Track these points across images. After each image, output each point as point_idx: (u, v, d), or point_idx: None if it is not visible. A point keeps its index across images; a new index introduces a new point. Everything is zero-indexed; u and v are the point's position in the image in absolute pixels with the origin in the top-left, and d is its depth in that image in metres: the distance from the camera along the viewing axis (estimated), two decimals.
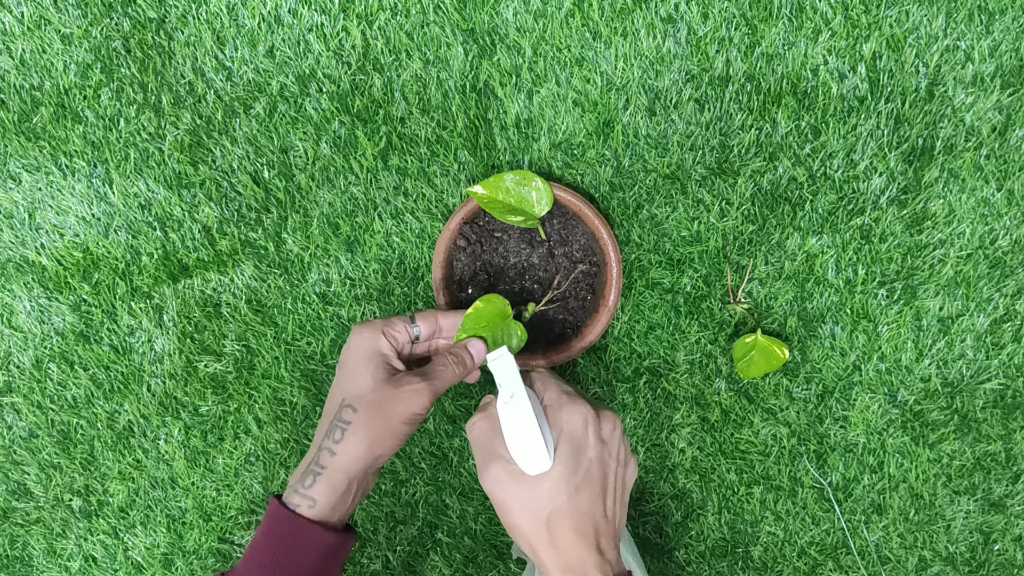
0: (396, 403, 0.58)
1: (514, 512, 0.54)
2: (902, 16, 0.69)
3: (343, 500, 0.58)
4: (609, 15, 0.69)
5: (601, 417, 0.57)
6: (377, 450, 0.58)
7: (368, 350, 0.60)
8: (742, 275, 0.75)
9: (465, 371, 0.62)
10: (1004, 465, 0.78)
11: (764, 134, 0.71)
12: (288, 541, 0.56)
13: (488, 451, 0.56)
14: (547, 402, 0.58)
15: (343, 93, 0.72)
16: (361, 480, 0.58)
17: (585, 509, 0.54)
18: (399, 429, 0.58)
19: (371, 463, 0.58)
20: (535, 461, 0.54)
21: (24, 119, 0.73)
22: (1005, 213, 0.72)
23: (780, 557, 0.81)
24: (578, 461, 0.54)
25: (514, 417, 0.55)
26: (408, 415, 0.58)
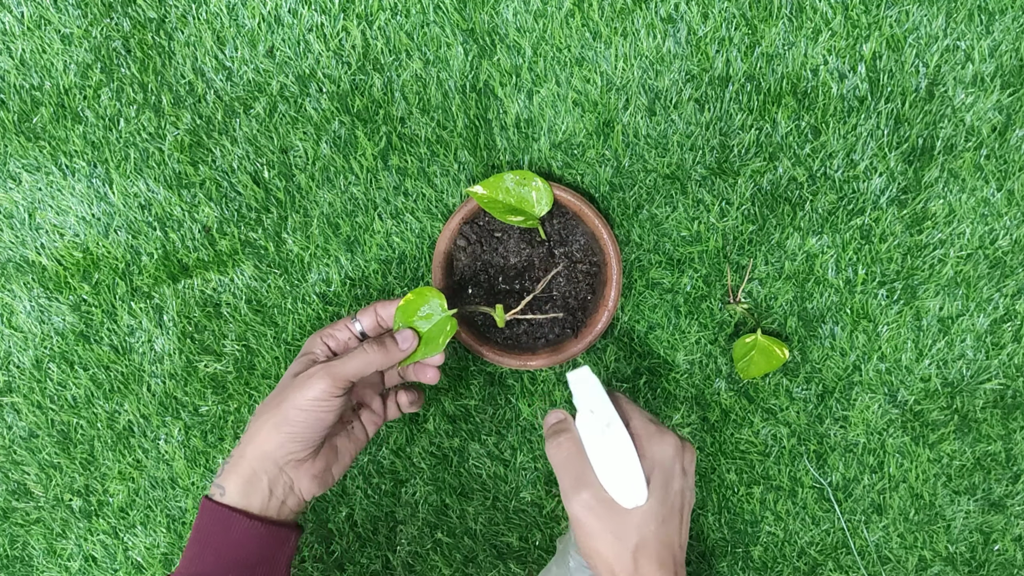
0: (292, 390, 0.59)
1: (600, 539, 0.54)
2: (902, 16, 0.69)
3: (254, 488, 0.58)
4: (609, 15, 0.69)
5: (685, 448, 0.58)
6: (276, 436, 0.58)
7: (299, 357, 0.63)
8: (742, 275, 0.75)
9: (387, 357, 0.61)
10: (1004, 465, 0.78)
11: (764, 134, 0.71)
12: (207, 528, 0.58)
13: (578, 476, 0.55)
14: (635, 430, 0.57)
15: (343, 93, 0.72)
16: (271, 471, 0.59)
17: (668, 540, 0.55)
18: (292, 415, 0.58)
19: (274, 450, 0.58)
20: (632, 494, 0.54)
21: (24, 119, 0.73)
22: (1005, 213, 0.72)
23: (780, 557, 0.81)
24: (666, 493, 0.55)
25: (609, 447, 0.55)
26: (303, 400, 0.58)
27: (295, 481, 0.60)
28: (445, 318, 0.63)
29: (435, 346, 0.63)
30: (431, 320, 0.63)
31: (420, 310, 0.63)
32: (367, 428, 0.68)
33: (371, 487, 0.80)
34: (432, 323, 0.63)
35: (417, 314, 0.63)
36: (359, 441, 0.67)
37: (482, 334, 0.73)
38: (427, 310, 0.63)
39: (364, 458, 0.80)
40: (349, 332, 0.64)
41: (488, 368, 0.77)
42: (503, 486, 0.80)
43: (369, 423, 0.68)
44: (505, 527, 0.81)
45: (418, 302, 0.63)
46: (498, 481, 0.80)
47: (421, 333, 0.63)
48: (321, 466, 0.62)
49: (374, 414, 0.69)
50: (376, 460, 0.80)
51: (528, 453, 0.79)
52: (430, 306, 0.63)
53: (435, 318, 0.63)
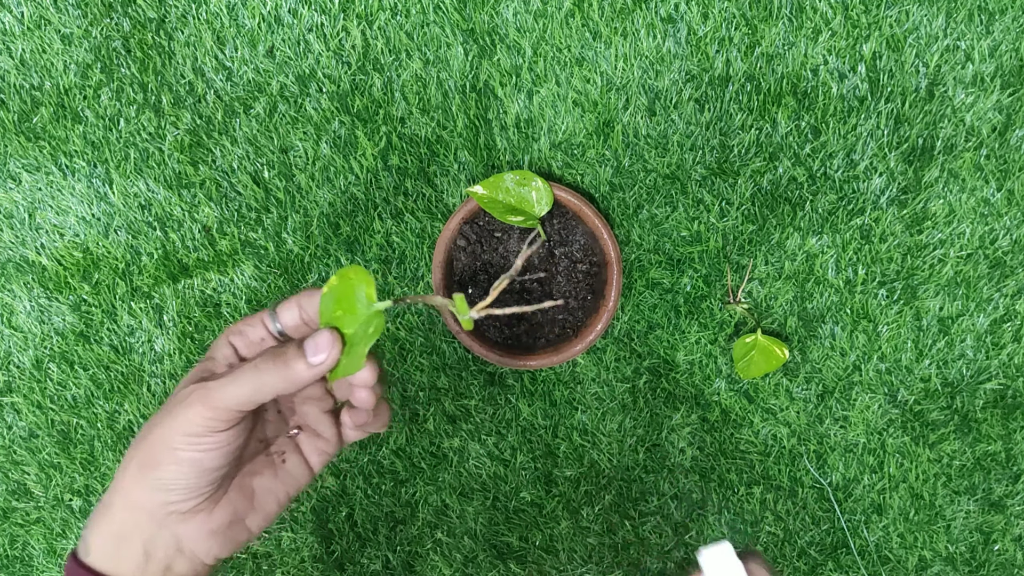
0: (161, 418, 0.43)
1: None
2: (902, 16, 0.69)
3: (125, 549, 0.43)
4: (609, 15, 0.69)
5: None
6: (143, 483, 0.42)
7: (199, 363, 0.46)
8: (742, 275, 0.75)
9: (288, 376, 0.43)
10: (1004, 465, 0.78)
11: (764, 134, 0.71)
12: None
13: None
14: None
15: (343, 93, 0.72)
16: (145, 528, 0.43)
17: None
18: (160, 455, 0.42)
19: (145, 501, 0.42)
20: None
21: (24, 119, 0.73)
22: (1005, 213, 0.72)
23: (780, 557, 0.81)
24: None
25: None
26: (173, 435, 0.42)
27: (183, 540, 0.43)
28: (371, 315, 0.43)
29: (354, 359, 0.43)
30: (356, 318, 0.43)
31: (348, 301, 0.44)
32: (310, 459, 0.49)
33: (371, 487, 0.80)
34: (357, 323, 0.43)
35: (344, 308, 0.44)
36: (295, 480, 0.48)
37: (482, 334, 0.73)
38: (347, 301, 0.44)
39: (364, 458, 0.80)
40: (265, 330, 0.46)
41: (488, 368, 0.77)
42: (503, 486, 0.80)
43: (313, 452, 0.49)
44: (505, 527, 0.81)
45: (344, 289, 0.43)
46: (498, 481, 0.80)
47: (347, 337, 0.44)
48: (223, 519, 0.44)
49: (320, 439, 0.48)
50: (376, 460, 0.80)
51: (528, 453, 0.79)
52: (356, 296, 0.43)
53: (360, 315, 0.43)
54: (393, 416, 0.52)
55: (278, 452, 0.48)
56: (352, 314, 0.43)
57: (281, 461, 0.48)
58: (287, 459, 0.48)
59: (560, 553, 0.81)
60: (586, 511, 0.80)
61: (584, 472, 0.79)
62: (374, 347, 0.43)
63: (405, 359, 0.77)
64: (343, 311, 0.43)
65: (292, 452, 0.48)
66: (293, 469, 0.48)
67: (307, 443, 0.48)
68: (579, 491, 0.80)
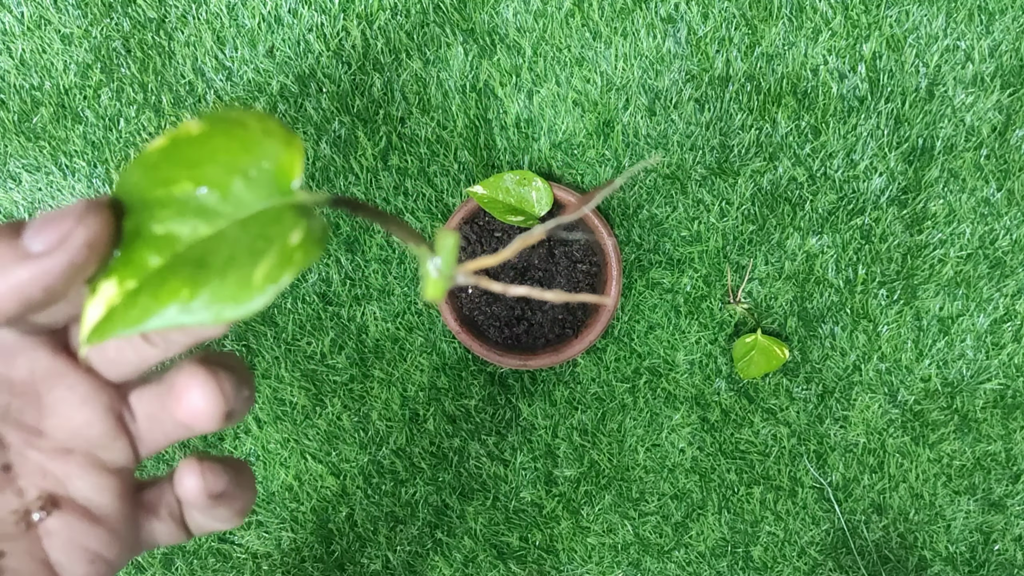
0: None
1: None
2: (902, 16, 0.69)
3: None
4: (609, 15, 0.69)
5: None
6: None
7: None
8: (742, 275, 0.75)
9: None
10: (1004, 465, 0.78)
11: (764, 134, 0.71)
12: None
13: None
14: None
15: (343, 93, 0.72)
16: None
17: None
18: None
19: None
20: None
21: (24, 119, 0.73)
22: (1005, 213, 0.72)
23: (780, 557, 0.81)
24: None
25: None
26: None
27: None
28: (279, 210, 0.19)
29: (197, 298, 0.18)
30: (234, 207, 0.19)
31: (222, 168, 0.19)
32: (62, 559, 0.22)
33: (371, 487, 0.80)
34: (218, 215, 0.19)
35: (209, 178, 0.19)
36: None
37: (482, 333, 0.73)
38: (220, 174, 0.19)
39: (364, 458, 0.80)
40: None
41: (488, 368, 0.77)
42: (503, 486, 0.80)
43: (69, 545, 0.22)
44: (505, 527, 0.81)
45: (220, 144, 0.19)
46: (498, 481, 0.80)
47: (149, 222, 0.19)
48: None
49: (94, 526, 0.22)
50: (376, 460, 0.80)
51: (528, 453, 0.79)
52: (247, 162, 0.19)
53: (236, 201, 0.19)
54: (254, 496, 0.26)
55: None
56: (225, 195, 0.19)
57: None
58: (6, 568, 0.21)
59: (560, 553, 0.81)
60: (586, 511, 0.80)
61: (584, 472, 0.79)
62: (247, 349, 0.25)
63: (405, 359, 0.77)
64: (200, 182, 0.19)
65: (21, 553, 0.22)
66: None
67: (63, 534, 0.22)
68: (579, 491, 0.80)
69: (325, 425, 0.78)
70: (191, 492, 0.23)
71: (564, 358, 0.71)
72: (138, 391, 0.23)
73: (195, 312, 0.18)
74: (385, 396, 0.78)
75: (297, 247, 0.18)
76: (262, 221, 0.19)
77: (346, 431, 0.78)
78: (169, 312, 0.18)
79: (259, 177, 0.19)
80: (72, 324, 0.22)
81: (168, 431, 0.23)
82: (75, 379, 0.22)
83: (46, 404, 0.22)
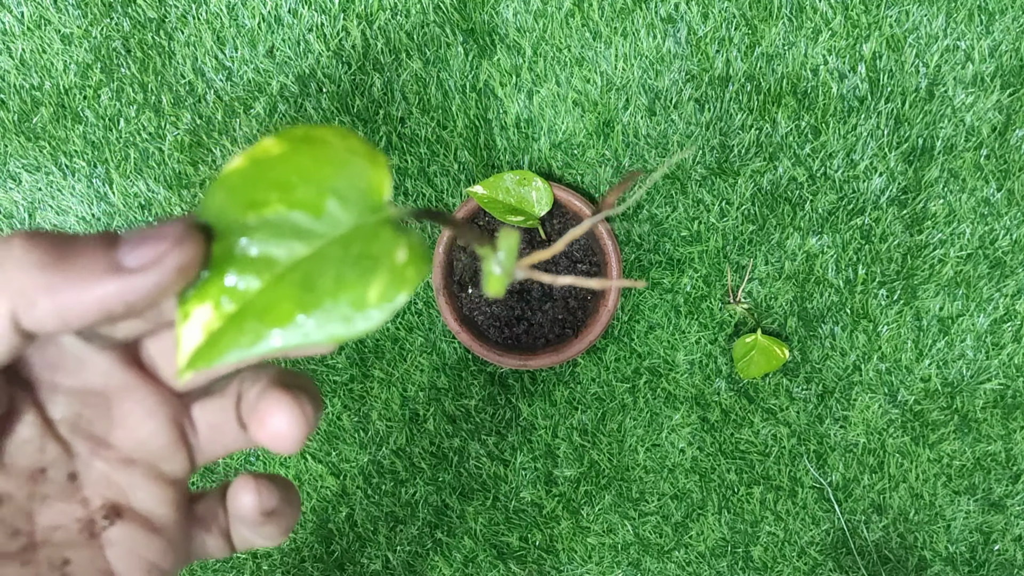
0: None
1: None
2: (902, 16, 0.69)
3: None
4: (609, 15, 0.69)
5: None
6: None
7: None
8: (742, 275, 0.75)
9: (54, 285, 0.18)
10: (1004, 465, 0.78)
11: (764, 134, 0.71)
12: None
13: None
14: None
15: (343, 93, 0.72)
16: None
17: None
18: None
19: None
20: None
21: (24, 119, 0.73)
22: (1005, 213, 0.72)
23: (780, 557, 0.81)
24: None
25: None
26: None
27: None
28: (374, 225, 0.19)
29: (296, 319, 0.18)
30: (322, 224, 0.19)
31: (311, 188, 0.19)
32: (122, 569, 0.22)
33: (371, 487, 0.80)
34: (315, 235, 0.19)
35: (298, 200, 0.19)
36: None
37: (482, 333, 0.73)
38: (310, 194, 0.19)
39: (364, 458, 0.80)
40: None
41: (488, 368, 0.77)
42: (503, 486, 0.80)
43: (129, 555, 0.22)
44: (505, 527, 0.81)
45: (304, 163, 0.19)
46: (498, 481, 0.80)
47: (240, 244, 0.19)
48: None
49: (153, 536, 0.23)
50: (376, 460, 0.80)
51: (528, 453, 0.79)
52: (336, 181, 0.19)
53: (331, 220, 0.19)
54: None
55: (53, 562, 0.22)
56: (319, 215, 0.19)
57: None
58: (73, 573, 0.22)
59: (560, 553, 0.81)
60: (586, 511, 0.80)
61: (584, 472, 0.79)
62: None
63: (405, 359, 0.77)
64: (292, 204, 0.19)
65: (85, 562, 0.22)
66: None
67: (124, 544, 0.22)
68: (579, 491, 0.80)
69: (325, 425, 0.78)
70: (246, 508, 0.23)
71: (564, 358, 0.71)
72: (201, 402, 0.24)
73: (310, 334, 0.18)
74: (385, 396, 0.78)
75: (406, 264, 0.18)
76: (360, 239, 0.19)
77: (346, 431, 0.78)
78: (282, 335, 0.18)
79: (350, 195, 0.19)
80: (145, 338, 0.22)
81: (227, 443, 0.24)
82: (144, 392, 0.23)
83: (114, 415, 0.22)
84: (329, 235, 0.19)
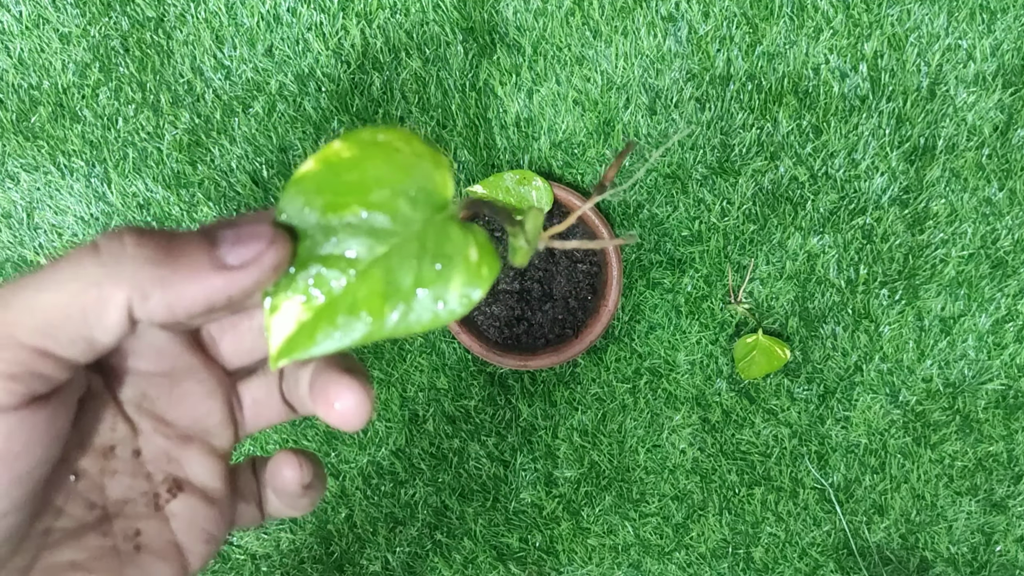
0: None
1: None
2: (903, 15, 0.69)
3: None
4: (610, 13, 0.69)
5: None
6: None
7: None
8: (743, 275, 0.74)
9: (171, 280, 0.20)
10: (1006, 466, 0.78)
11: (765, 133, 0.71)
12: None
13: None
14: None
15: (342, 92, 0.71)
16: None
17: None
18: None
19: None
20: None
21: (22, 118, 0.73)
22: (1007, 213, 0.72)
23: (781, 558, 0.81)
24: None
25: None
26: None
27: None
28: (444, 220, 0.22)
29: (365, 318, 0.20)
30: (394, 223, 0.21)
31: (362, 190, 0.21)
32: (185, 548, 0.25)
33: (370, 488, 0.80)
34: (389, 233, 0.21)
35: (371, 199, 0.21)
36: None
37: (482, 334, 0.72)
38: (382, 195, 0.21)
39: (363, 459, 0.79)
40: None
41: (488, 368, 0.77)
42: (503, 487, 0.80)
43: (193, 534, 0.25)
44: (505, 528, 0.80)
45: (369, 168, 0.21)
46: (498, 482, 0.80)
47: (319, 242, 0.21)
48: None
49: (210, 507, 0.25)
50: (376, 461, 0.79)
51: (528, 454, 0.79)
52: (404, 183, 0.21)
53: (403, 218, 0.21)
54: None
55: (127, 533, 0.23)
56: (394, 216, 0.20)
57: (133, 549, 0.23)
58: (144, 543, 0.23)
59: (560, 554, 0.80)
60: (586, 512, 0.80)
61: (584, 473, 0.79)
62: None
63: (404, 359, 0.77)
64: (369, 206, 0.20)
65: (153, 532, 0.24)
66: (150, 565, 0.23)
67: (184, 515, 0.24)
68: (579, 492, 0.79)
69: (324, 425, 0.78)
70: (288, 481, 0.26)
71: (564, 358, 0.71)
72: (247, 380, 0.26)
73: (394, 328, 0.20)
74: (384, 396, 0.77)
75: (480, 262, 0.21)
76: (432, 237, 0.21)
77: (345, 432, 0.78)
78: (368, 327, 0.20)
79: (418, 196, 0.21)
80: (206, 324, 0.24)
81: (270, 417, 0.27)
82: (205, 374, 0.25)
83: (175, 395, 0.24)
84: (403, 233, 0.21)
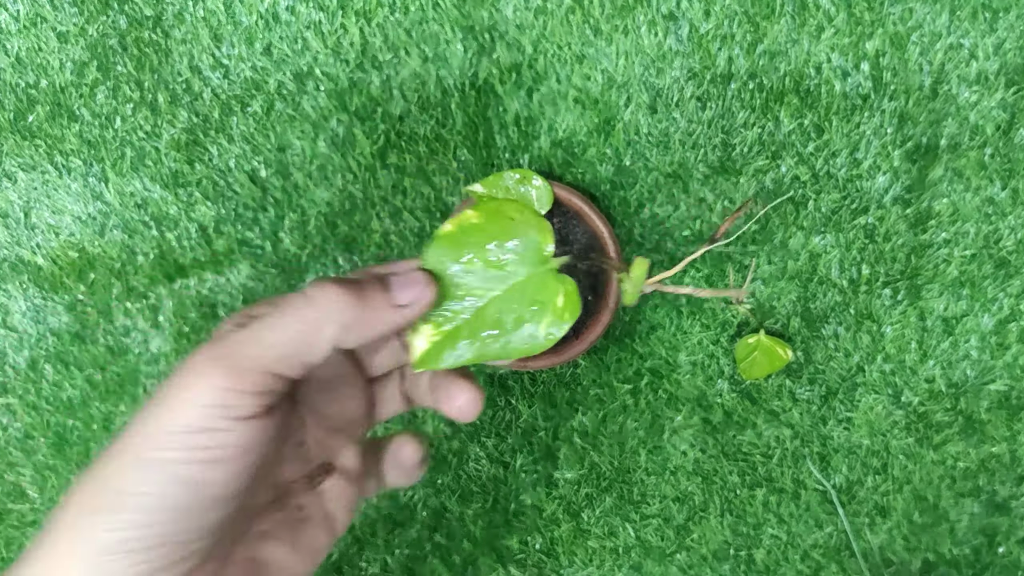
0: (152, 410, 0.29)
1: None
2: (905, 14, 0.68)
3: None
4: (610, 12, 0.69)
5: None
6: (95, 526, 0.26)
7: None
8: (744, 275, 0.74)
9: (363, 318, 0.27)
10: (1009, 467, 0.77)
11: (767, 132, 0.71)
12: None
13: None
14: None
15: (341, 91, 0.71)
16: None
17: None
18: (132, 478, 0.25)
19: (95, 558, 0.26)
20: None
21: (20, 117, 0.72)
22: (1010, 212, 0.72)
23: (783, 560, 0.80)
24: None
25: None
26: (160, 433, 0.26)
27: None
28: (542, 274, 0.29)
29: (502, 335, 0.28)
30: (506, 273, 0.29)
31: (484, 247, 0.29)
32: (335, 515, 0.32)
33: None
34: (502, 280, 0.29)
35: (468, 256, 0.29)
36: (313, 549, 0.31)
37: None
38: (498, 252, 0.29)
39: None
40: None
41: (487, 369, 0.77)
42: (503, 488, 0.79)
43: (340, 505, 0.32)
44: (505, 530, 0.80)
45: (489, 228, 0.29)
46: (497, 484, 0.79)
47: (450, 284, 0.29)
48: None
49: (351, 484, 0.33)
50: None
51: (528, 455, 0.78)
52: (513, 242, 0.29)
53: (512, 270, 0.28)
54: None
55: (295, 507, 0.31)
56: (504, 267, 0.29)
57: (300, 520, 0.30)
58: (307, 515, 0.31)
59: (560, 556, 0.80)
60: (587, 514, 0.79)
61: (585, 474, 0.78)
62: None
63: None
64: (486, 262, 0.29)
65: (313, 505, 0.31)
66: (312, 532, 0.30)
67: (334, 491, 0.32)
68: (580, 494, 0.79)
69: None
70: (410, 457, 0.35)
71: (564, 359, 0.70)
72: (380, 382, 0.36)
73: (497, 352, 0.30)
74: None
75: (564, 308, 0.30)
76: (533, 286, 0.30)
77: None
78: (479, 351, 0.30)
79: (525, 252, 0.31)
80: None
81: (391, 411, 0.38)
82: (357, 380, 0.34)
83: (333, 397, 0.33)
84: (512, 280, 0.30)
